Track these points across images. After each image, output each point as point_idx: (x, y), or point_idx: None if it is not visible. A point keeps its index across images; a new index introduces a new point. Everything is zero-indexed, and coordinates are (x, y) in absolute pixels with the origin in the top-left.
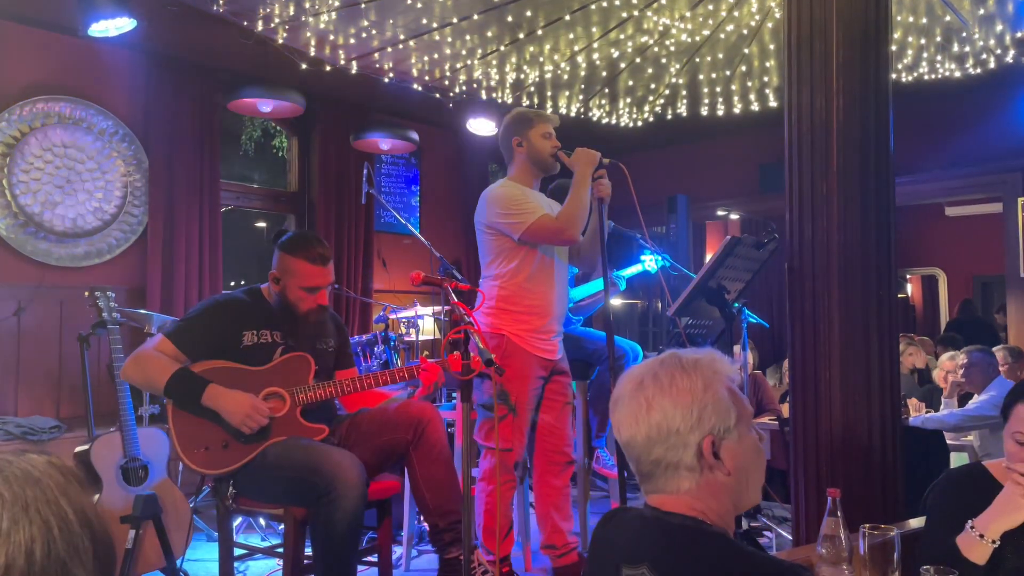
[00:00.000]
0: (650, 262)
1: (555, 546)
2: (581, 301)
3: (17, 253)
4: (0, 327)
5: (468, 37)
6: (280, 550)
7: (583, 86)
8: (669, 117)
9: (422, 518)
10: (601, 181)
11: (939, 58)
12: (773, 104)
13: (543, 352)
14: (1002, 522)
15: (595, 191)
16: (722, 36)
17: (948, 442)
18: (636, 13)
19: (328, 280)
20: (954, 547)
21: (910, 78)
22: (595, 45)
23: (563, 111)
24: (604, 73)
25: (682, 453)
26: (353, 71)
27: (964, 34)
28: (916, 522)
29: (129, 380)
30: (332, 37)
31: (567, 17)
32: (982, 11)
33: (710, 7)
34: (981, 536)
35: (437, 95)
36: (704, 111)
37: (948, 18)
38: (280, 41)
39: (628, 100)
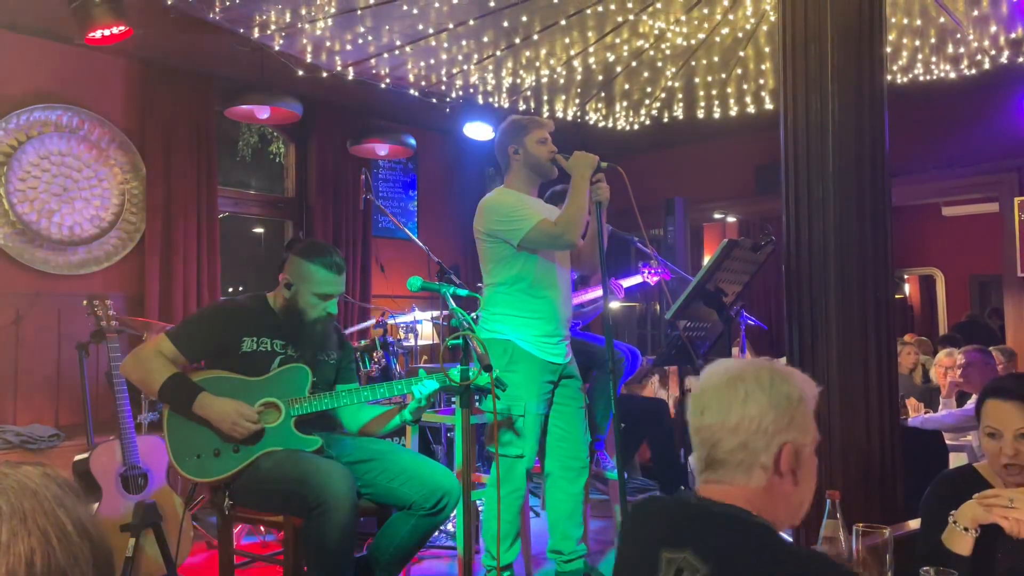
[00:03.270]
0: (648, 275)
1: (562, 552)
2: (582, 307)
3: (15, 262)
4: None
5: (464, 42)
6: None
7: (579, 90)
8: (665, 120)
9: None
10: (600, 184)
11: (934, 59)
12: (769, 106)
13: (550, 356)
14: (977, 511)
15: (593, 194)
16: (717, 39)
17: (947, 442)
18: (632, 17)
19: (341, 289)
20: (943, 546)
21: (905, 79)
22: (591, 49)
23: (560, 115)
24: (600, 77)
25: (763, 451)
26: (350, 77)
27: (958, 35)
28: (915, 523)
29: (127, 377)
30: (328, 43)
31: (563, 22)
32: (976, 12)
33: (705, 11)
34: (955, 522)
35: (434, 100)
36: (700, 114)
37: (942, 19)
38: (276, 48)
39: (624, 104)
